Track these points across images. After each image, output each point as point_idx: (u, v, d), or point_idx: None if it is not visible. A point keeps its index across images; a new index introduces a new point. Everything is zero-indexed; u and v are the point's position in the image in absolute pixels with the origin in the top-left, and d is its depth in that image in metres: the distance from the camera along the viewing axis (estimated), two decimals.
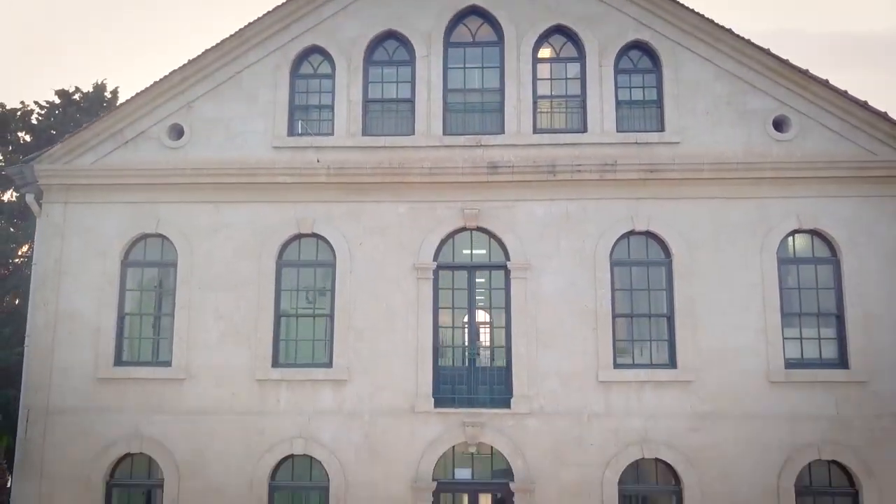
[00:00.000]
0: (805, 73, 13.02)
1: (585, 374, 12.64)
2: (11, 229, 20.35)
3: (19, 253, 20.53)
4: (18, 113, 21.03)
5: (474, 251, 13.32)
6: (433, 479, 12.51)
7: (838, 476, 12.42)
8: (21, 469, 12.88)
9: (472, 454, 12.71)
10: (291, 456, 12.79)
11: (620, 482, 12.40)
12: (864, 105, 12.86)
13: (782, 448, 12.28)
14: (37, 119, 21.32)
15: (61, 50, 51.20)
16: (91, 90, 21.58)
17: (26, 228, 19.91)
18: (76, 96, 21.46)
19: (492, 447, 12.63)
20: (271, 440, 12.74)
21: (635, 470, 12.55)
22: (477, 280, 13.29)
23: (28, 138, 21.05)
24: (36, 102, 21.41)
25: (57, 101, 21.49)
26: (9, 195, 21.48)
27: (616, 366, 12.69)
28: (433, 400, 12.68)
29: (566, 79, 13.63)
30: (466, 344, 13.09)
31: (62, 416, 12.94)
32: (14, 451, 13.11)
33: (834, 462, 12.38)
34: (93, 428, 12.90)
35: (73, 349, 13.12)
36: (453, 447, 12.68)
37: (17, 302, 20.28)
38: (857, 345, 12.47)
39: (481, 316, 13.25)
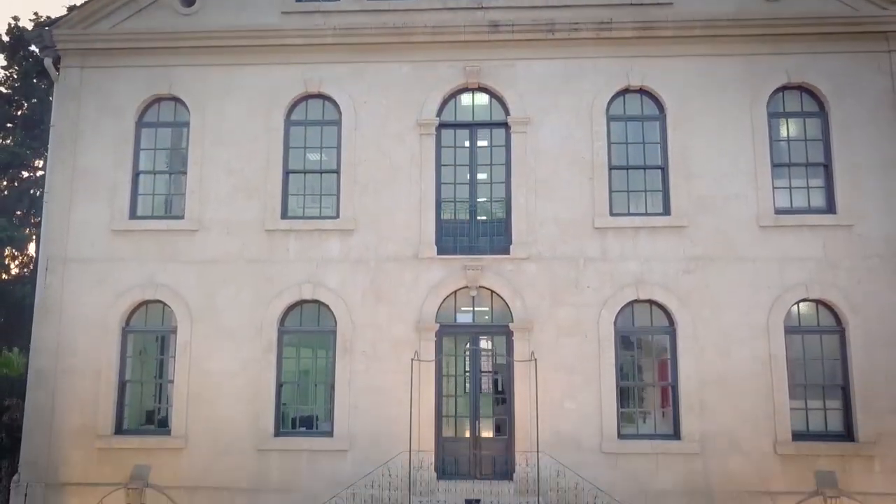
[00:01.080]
0: None
1: (582, 222, 13.15)
2: (27, 140, 20.88)
3: (32, 164, 21.08)
4: (32, 26, 21.53)
5: (476, 110, 13.81)
6: (436, 321, 13.02)
7: (825, 316, 12.92)
8: (41, 315, 13.40)
9: (473, 298, 13.21)
10: (300, 303, 13.32)
11: (616, 322, 12.91)
12: None
13: (771, 288, 12.78)
14: None
15: None
16: None
17: (41, 137, 20.44)
18: None
19: (492, 291, 13.14)
20: (280, 286, 13.25)
21: (630, 311, 13.06)
22: (478, 139, 13.76)
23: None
24: (48, 17, 21.88)
25: None
26: (23, 109, 22.03)
27: (612, 213, 13.19)
28: (436, 248, 13.19)
29: None
30: (468, 198, 13.57)
31: (80, 265, 13.46)
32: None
33: (821, 303, 12.88)
34: (109, 277, 13.43)
35: (89, 204, 13.64)
36: (455, 292, 13.20)
37: (32, 213, 20.84)
38: (844, 191, 12.96)
39: (483, 171, 13.71)
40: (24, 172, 20.68)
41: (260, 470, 12.76)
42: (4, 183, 20.43)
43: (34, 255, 19.59)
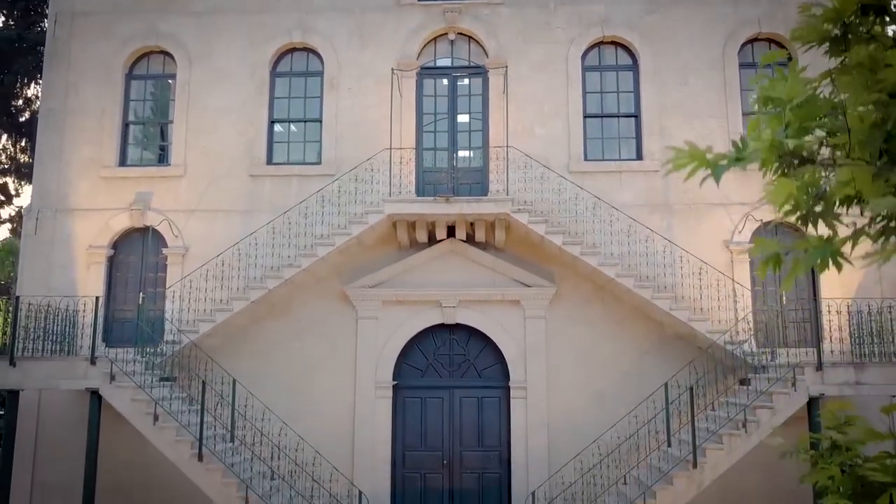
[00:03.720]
0: None
1: None
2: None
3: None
4: None
5: None
6: (416, 61, 14.03)
7: (776, 50, 13.89)
8: (50, 63, 14.44)
9: (452, 42, 14.23)
10: (291, 48, 14.35)
11: (583, 59, 13.94)
12: None
13: (727, 23, 13.80)
14: None
15: None
16: None
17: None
18: None
19: (469, 36, 14.16)
20: (273, 32, 14.29)
21: (598, 51, 14.08)
22: None
23: None
24: None
25: None
26: None
27: None
28: None
29: None
30: None
31: (86, 17, 14.50)
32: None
33: (772, 40, 13.90)
34: (113, 27, 14.46)
35: None
36: (435, 39, 14.23)
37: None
38: None
39: None
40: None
41: (253, 193, 13.80)
42: (15, 15, 21.43)
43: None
